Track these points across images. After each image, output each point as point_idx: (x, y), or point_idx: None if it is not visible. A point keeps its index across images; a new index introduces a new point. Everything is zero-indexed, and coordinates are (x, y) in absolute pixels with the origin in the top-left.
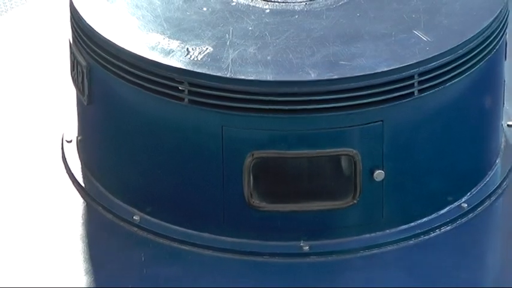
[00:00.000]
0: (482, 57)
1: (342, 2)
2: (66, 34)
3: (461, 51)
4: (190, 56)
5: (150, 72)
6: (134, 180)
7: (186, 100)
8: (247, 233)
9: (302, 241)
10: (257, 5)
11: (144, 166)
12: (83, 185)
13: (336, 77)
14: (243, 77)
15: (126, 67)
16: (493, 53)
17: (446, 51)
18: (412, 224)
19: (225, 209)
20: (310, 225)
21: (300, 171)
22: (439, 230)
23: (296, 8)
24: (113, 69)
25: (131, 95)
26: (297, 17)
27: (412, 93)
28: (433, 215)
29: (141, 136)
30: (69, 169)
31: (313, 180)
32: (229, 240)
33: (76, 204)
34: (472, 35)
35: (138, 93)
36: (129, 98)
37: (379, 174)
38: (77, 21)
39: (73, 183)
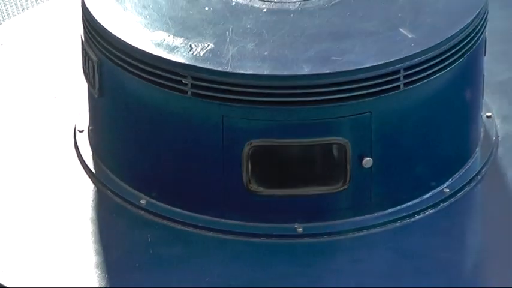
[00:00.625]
0: (464, 53)
1: (334, 2)
2: (78, 32)
3: (443, 47)
4: (193, 52)
5: (156, 66)
6: (141, 167)
7: (189, 93)
8: (246, 216)
9: (296, 223)
10: (255, 5)
11: (150, 154)
12: (93, 171)
13: (327, 71)
14: (241, 71)
15: (134, 62)
16: (473, 49)
17: (429, 48)
18: (398, 207)
19: (225, 193)
20: (303, 208)
21: (294, 158)
22: (423, 213)
23: (291, 7)
24: (122, 64)
25: (138, 88)
26: (292, 16)
27: (398, 86)
28: (418, 199)
29: (147, 126)
30: (81, 156)
31: (307, 167)
32: (230, 223)
33: (87, 189)
34: (454, 33)
35: (145, 86)
36: (137, 90)
37: (367, 162)
38: (89, 20)
39: (84, 170)
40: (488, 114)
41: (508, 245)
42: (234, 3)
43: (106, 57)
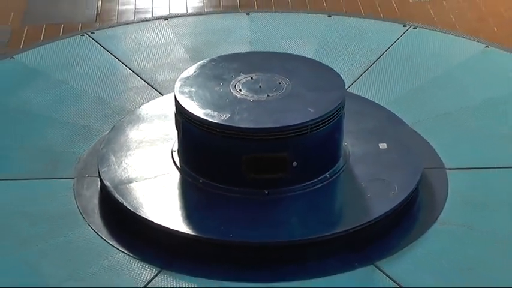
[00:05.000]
0: (335, 117)
1: (281, 96)
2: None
3: (325, 116)
4: (221, 117)
5: (205, 124)
6: (198, 164)
7: (218, 135)
8: (244, 186)
9: (267, 190)
10: (246, 98)
11: (204, 157)
12: (179, 167)
13: (272, 126)
14: (240, 126)
15: (195, 122)
16: (339, 116)
17: (322, 114)
18: (307, 182)
19: (233, 176)
20: (269, 183)
21: (267, 161)
22: (319, 184)
23: (262, 99)
24: (190, 122)
25: (197, 132)
26: (263, 101)
27: (306, 132)
28: (316, 179)
29: (200, 147)
30: (175, 163)
31: (273, 165)
32: (235, 189)
33: (178, 178)
34: (331, 109)
35: (200, 131)
36: (196, 133)
37: (295, 163)
38: (177, 104)
39: (177, 170)
40: (345, 143)
41: None
42: (238, 97)
43: (183, 118)
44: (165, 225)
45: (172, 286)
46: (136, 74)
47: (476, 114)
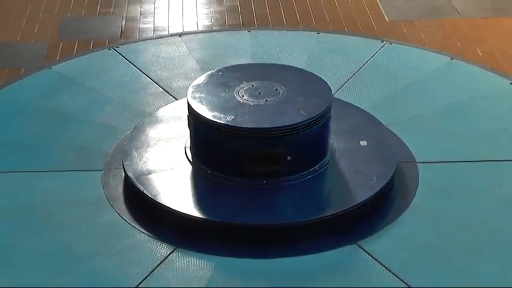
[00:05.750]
0: (323, 120)
1: (280, 100)
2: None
3: (314, 118)
4: (226, 118)
5: (211, 123)
6: (207, 158)
7: (224, 133)
8: (246, 176)
9: (265, 180)
10: (247, 102)
11: (212, 153)
12: (191, 161)
13: (269, 126)
14: (244, 126)
15: (204, 122)
16: (326, 118)
17: (312, 116)
18: (300, 173)
19: (237, 167)
20: (267, 174)
21: (265, 156)
22: (309, 176)
23: (261, 103)
24: (200, 122)
25: (206, 130)
26: (262, 105)
27: (299, 132)
28: (307, 171)
29: (209, 142)
30: (188, 157)
31: (268, 161)
32: (239, 180)
33: (190, 170)
34: (319, 112)
35: (208, 129)
36: (205, 130)
37: (288, 158)
38: (189, 107)
39: (189, 163)
40: (332, 141)
41: None
42: (241, 101)
43: (194, 119)
44: (179, 209)
45: (185, 261)
46: (155, 82)
47: (443, 116)
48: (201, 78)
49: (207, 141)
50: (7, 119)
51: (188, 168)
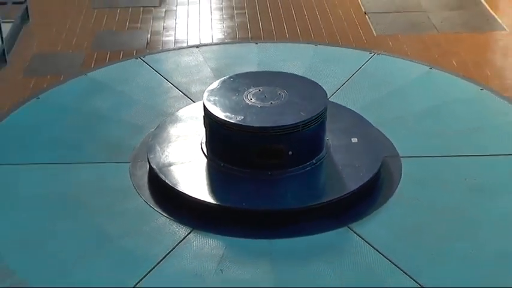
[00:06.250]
0: (320, 120)
1: (283, 103)
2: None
3: (312, 117)
4: (237, 119)
5: (224, 123)
6: (220, 152)
7: (235, 131)
8: (252, 168)
9: (269, 172)
10: (255, 104)
11: (224, 148)
12: (206, 155)
13: (273, 125)
14: (252, 125)
15: (217, 121)
16: (323, 118)
17: (310, 117)
18: (301, 165)
19: (246, 160)
20: (273, 166)
21: (270, 151)
22: (308, 168)
23: (266, 105)
24: (215, 121)
25: (219, 127)
26: (267, 107)
27: (299, 130)
28: (306, 163)
29: (221, 138)
30: (203, 152)
31: (272, 156)
32: (247, 171)
33: (205, 162)
34: (317, 113)
35: (221, 127)
36: (218, 127)
37: (290, 152)
38: (205, 109)
39: (205, 157)
40: (327, 138)
41: None
42: (249, 104)
43: (209, 119)
44: (196, 196)
45: (200, 241)
46: (175, 87)
47: (423, 117)
48: (215, 84)
49: (220, 138)
50: (48, 119)
51: (204, 161)
